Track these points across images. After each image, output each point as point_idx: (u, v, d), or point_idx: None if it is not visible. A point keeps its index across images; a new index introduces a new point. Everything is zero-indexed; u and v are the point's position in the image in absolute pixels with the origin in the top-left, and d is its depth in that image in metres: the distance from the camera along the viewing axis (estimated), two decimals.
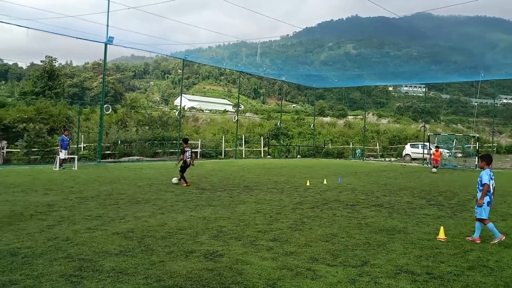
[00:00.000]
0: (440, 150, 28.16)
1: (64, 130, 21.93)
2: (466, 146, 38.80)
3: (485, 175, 7.60)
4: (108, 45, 24.32)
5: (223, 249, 6.61)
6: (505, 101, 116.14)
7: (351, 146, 45.47)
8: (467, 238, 7.88)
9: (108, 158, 28.12)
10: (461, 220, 9.94)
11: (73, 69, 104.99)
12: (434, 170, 25.56)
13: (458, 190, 16.30)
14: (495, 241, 7.51)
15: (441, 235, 7.84)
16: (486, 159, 7.81)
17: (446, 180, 20.89)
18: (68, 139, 21.20)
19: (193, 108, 77.63)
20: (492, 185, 7.68)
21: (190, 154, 15.34)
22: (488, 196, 7.61)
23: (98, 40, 24.59)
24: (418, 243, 7.49)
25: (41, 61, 52.44)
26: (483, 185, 7.61)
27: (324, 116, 71.50)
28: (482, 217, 7.65)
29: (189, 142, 16.71)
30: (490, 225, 7.63)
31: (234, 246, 6.85)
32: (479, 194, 7.72)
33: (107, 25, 24.03)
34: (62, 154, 20.36)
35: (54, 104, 38.86)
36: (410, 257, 6.54)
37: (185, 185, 14.82)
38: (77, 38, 24.45)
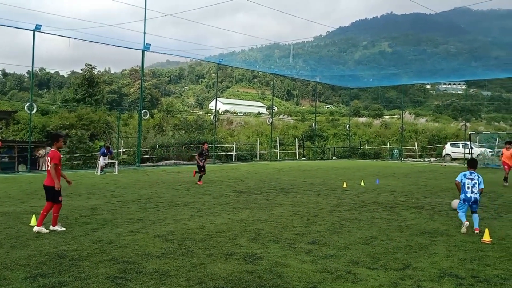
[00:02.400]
0: None
1: (106, 147, 22.37)
2: None
3: (459, 175, 8.86)
4: (145, 52, 24.91)
5: (262, 252, 6.65)
6: None
7: (388, 146, 44.58)
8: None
9: (146, 162, 28.78)
10: (506, 221, 9.59)
11: (111, 76, 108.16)
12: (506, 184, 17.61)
13: (503, 190, 15.71)
14: (463, 227, 8.33)
15: (486, 237, 7.58)
16: (468, 163, 9.38)
17: (489, 180, 20.14)
18: (108, 154, 21.76)
19: (227, 111, 78.28)
20: (471, 184, 8.59)
21: None
22: (463, 194, 8.60)
23: (135, 47, 25.26)
24: (462, 245, 7.28)
25: (81, 69, 54.38)
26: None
27: (359, 117, 70.41)
28: (458, 210, 8.72)
29: (207, 145, 18.28)
30: (460, 214, 8.60)
31: (273, 248, 6.87)
32: None
33: (144, 33, 24.62)
34: (101, 161, 21.02)
35: (94, 110, 40.19)
36: (454, 260, 6.36)
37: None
38: (116, 46, 25.24)
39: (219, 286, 5.11)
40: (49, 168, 8.08)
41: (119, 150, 28.98)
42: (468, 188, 8.59)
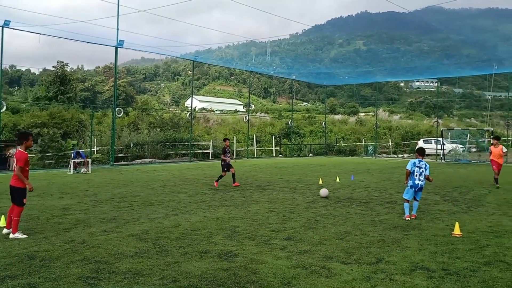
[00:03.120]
0: (501, 146, 16.32)
1: (76, 152, 21.81)
2: (480, 140, 38.34)
3: (410, 163, 9.34)
4: (118, 48, 24.53)
5: (237, 249, 6.64)
6: None
7: (363, 143, 45.21)
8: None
9: (121, 161, 28.32)
10: (476, 215, 9.84)
11: (84, 73, 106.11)
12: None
13: (473, 185, 16.12)
14: (404, 217, 9.21)
15: (456, 231, 7.77)
16: (418, 151, 9.65)
17: (460, 175, 20.67)
18: (80, 157, 21.26)
19: (204, 109, 77.91)
20: (419, 172, 9.20)
21: None
22: (411, 180, 9.24)
23: (108, 44, 24.83)
24: (433, 239, 7.44)
25: (53, 67, 53.11)
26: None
27: (335, 114, 71.19)
28: (404, 197, 9.49)
29: (228, 141, 16.53)
30: (405, 204, 9.36)
31: (248, 245, 6.87)
32: None
33: (117, 29, 24.22)
34: (75, 160, 20.62)
35: (66, 108, 39.37)
36: (425, 254, 6.50)
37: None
38: (88, 42, 24.80)
39: (194, 284, 5.08)
40: (15, 170, 7.53)
41: (92, 149, 28.46)
42: (416, 175, 9.27)
